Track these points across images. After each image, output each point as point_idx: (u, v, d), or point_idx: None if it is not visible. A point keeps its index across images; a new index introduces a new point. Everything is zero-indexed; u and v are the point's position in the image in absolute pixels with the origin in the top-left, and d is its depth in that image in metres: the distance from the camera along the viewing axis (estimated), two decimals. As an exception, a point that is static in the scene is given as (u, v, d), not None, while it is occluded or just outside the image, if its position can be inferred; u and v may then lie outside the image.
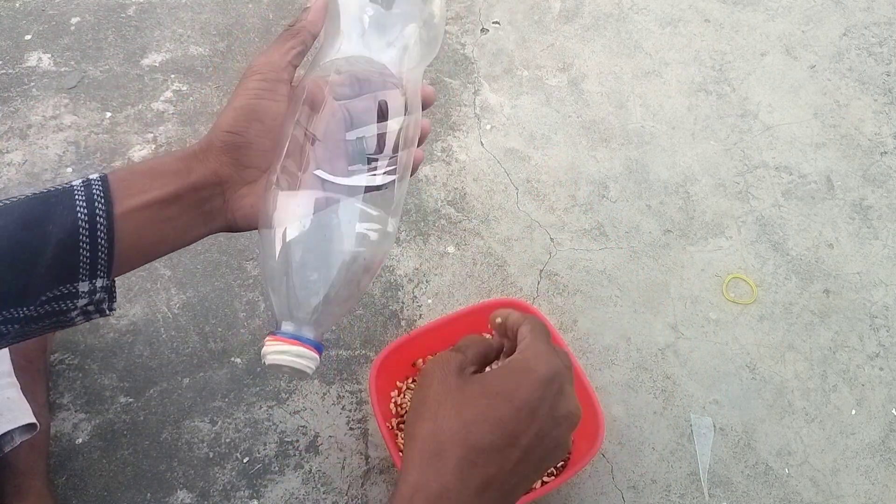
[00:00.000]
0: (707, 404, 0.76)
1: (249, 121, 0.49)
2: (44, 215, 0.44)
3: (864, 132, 0.96)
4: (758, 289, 0.83)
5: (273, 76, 0.50)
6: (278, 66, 0.51)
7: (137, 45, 1.00)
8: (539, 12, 1.07)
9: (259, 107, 0.49)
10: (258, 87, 0.50)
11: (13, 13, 1.02)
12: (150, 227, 0.48)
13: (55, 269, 0.45)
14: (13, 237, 0.43)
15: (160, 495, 0.69)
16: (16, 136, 0.91)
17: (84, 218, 0.45)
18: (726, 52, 1.03)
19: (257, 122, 0.49)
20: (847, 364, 0.79)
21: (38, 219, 0.44)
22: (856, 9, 1.08)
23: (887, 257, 0.86)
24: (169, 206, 0.48)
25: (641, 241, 0.86)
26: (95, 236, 0.45)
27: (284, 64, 0.51)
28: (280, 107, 0.50)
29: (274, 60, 0.51)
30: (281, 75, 0.50)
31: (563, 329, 0.80)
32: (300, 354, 0.43)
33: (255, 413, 0.74)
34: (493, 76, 1.00)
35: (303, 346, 0.43)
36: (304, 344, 0.43)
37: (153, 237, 0.49)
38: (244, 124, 0.49)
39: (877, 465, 0.73)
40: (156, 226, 0.48)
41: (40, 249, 0.44)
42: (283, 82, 0.50)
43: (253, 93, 0.49)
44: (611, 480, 0.72)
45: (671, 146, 0.94)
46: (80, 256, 0.45)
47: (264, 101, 0.49)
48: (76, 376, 0.75)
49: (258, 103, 0.49)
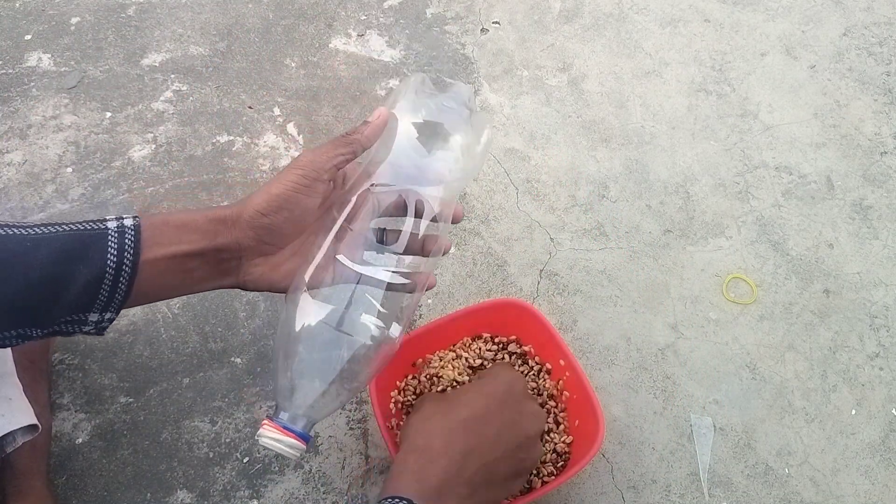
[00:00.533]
0: (707, 404, 0.76)
1: (280, 209, 0.54)
2: (78, 254, 0.49)
3: (864, 132, 0.96)
4: (758, 289, 0.83)
5: (313, 175, 0.54)
6: (322, 167, 0.55)
7: (137, 45, 1.00)
8: (539, 12, 1.07)
9: (292, 198, 0.54)
10: (297, 181, 0.54)
11: (13, 13, 1.02)
12: (171, 274, 0.53)
13: (76, 303, 0.49)
14: (46, 270, 0.48)
15: (160, 495, 0.69)
16: (16, 136, 0.91)
17: (112, 265, 0.49)
18: (726, 52, 1.03)
19: (286, 211, 0.54)
20: (847, 364, 0.79)
21: (71, 257, 0.48)
22: (856, 9, 1.08)
23: (887, 257, 0.86)
24: (192, 260, 0.53)
25: (641, 241, 0.86)
26: (118, 281, 0.50)
27: (329, 166, 0.55)
28: (313, 201, 0.55)
29: (319, 161, 0.55)
30: (321, 175, 0.55)
31: (563, 329, 0.80)
32: (290, 445, 0.50)
33: (255, 413, 0.74)
34: (493, 76, 1.00)
35: (292, 436, 0.50)
36: (293, 435, 0.51)
37: (171, 283, 0.54)
38: (275, 211, 0.54)
39: (877, 465, 0.73)
40: (176, 274, 0.53)
41: (68, 285, 0.48)
42: (321, 181, 0.55)
43: (291, 185, 0.54)
44: (611, 480, 0.72)
45: (671, 146, 0.94)
46: (99, 295, 0.50)
47: (299, 195, 0.54)
48: (76, 376, 0.75)
49: (292, 195, 0.54)
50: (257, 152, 0.91)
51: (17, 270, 0.47)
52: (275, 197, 0.54)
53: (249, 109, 0.95)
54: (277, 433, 0.50)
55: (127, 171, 0.89)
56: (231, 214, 0.54)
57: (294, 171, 0.54)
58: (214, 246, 0.53)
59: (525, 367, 0.73)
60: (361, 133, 0.57)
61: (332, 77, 0.99)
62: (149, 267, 0.51)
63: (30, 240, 0.48)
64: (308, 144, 0.92)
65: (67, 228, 0.50)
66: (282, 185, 0.54)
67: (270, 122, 0.94)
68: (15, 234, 0.48)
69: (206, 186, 0.88)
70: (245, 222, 0.54)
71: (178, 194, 0.87)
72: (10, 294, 0.47)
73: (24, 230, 0.49)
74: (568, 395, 0.71)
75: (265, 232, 0.54)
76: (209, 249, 0.53)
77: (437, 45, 1.02)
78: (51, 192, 0.86)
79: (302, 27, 1.03)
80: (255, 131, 0.93)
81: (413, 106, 0.58)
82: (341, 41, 1.03)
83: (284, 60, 1.00)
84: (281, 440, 0.50)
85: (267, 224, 0.54)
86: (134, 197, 0.87)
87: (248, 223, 0.54)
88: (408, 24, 1.05)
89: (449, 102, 0.58)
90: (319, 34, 1.03)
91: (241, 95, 0.96)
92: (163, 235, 0.52)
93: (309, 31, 1.03)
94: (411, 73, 0.61)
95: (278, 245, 0.56)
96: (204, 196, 0.87)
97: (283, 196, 0.54)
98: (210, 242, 0.53)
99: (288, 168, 0.55)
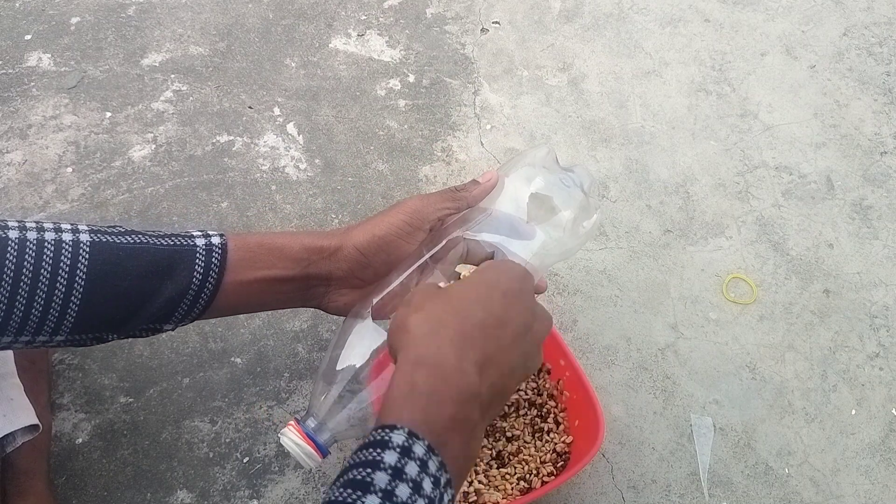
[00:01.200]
0: (707, 404, 0.76)
1: (379, 251, 0.55)
2: (165, 271, 0.50)
3: (864, 132, 0.96)
4: (758, 289, 0.83)
5: (417, 224, 0.56)
6: (426, 217, 0.56)
7: (137, 45, 1.00)
8: (539, 12, 1.07)
9: (393, 243, 0.55)
10: (400, 227, 0.55)
11: (13, 13, 1.02)
12: (258, 295, 0.55)
13: (156, 315, 0.51)
14: (133, 283, 0.49)
15: (160, 495, 0.69)
16: (16, 136, 0.91)
17: (196, 283, 0.51)
18: (726, 52, 1.03)
19: (384, 254, 0.56)
20: (847, 364, 0.79)
21: (160, 272, 0.50)
22: (856, 9, 1.08)
23: (887, 257, 0.86)
24: (283, 285, 0.55)
25: (641, 241, 0.86)
26: (198, 299, 0.52)
27: (433, 217, 0.57)
28: (410, 248, 0.56)
29: (426, 211, 0.56)
30: (424, 225, 0.56)
31: (564, 329, 0.80)
32: (308, 454, 0.51)
33: (255, 413, 0.74)
34: (493, 76, 1.00)
35: (312, 447, 0.51)
36: (314, 445, 0.51)
37: (255, 302, 0.56)
38: (374, 252, 0.55)
39: (877, 465, 0.73)
40: (263, 295, 0.55)
41: (153, 299, 0.50)
42: (422, 231, 0.56)
43: (395, 229, 0.55)
44: (611, 480, 0.72)
45: (671, 146, 0.94)
46: (178, 309, 0.52)
47: (399, 241, 0.55)
48: (76, 376, 0.75)
49: (394, 240, 0.55)
50: (257, 152, 0.91)
51: (106, 281, 0.48)
52: (377, 239, 0.55)
53: (249, 109, 0.95)
54: (299, 437, 0.51)
55: (127, 171, 0.89)
56: (329, 246, 0.56)
57: (399, 216, 0.56)
58: (307, 274, 0.55)
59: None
60: (470, 192, 0.58)
61: (332, 77, 0.99)
62: (237, 287, 0.53)
63: (122, 249, 0.50)
64: (308, 144, 0.92)
65: (157, 243, 0.51)
66: (385, 227, 0.55)
67: (270, 122, 0.94)
68: (108, 241, 0.49)
69: (206, 186, 0.88)
70: (342, 257, 0.55)
71: (178, 194, 0.87)
72: (97, 302, 0.49)
73: (116, 238, 0.50)
74: (568, 395, 0.71)
75: (359, 268, 0.56)
76: (301, 276, 0.55)
77: (437, 45, 1.02)
78: (51, 192, 0.86)
79: (302, 27, 1.03)
80: (255, 131, 0.93)
81: (531, 174, 0.60)
82: (341, 41, 1.03)
83: (284, 60, 1.00)
84: (300, 446, 0.50)
85: (364, 262, 0.56)
86: (134, 197, 0.87)
87: (346, 258, 0.55)
88: (408, 24, 1.05)
89: (567, 181, 0.59)
90: (319, 34, 1.03)
91: (241, 95, 0.96)
92: (256, 258, 0.54)
93: (309, 31, 1.03)
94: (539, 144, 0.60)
95: (367, 280, 0.57)
96: (204, 196, 0.87)
97: (386, 240, 0.55)
98: (303, 270, 0.55)
99: (394, 210, 0.56)
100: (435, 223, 0.57)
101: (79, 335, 0.50)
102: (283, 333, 0.78)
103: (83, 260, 0.48)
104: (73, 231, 0.48)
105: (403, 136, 0.94)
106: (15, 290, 0.45)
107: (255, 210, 0.87)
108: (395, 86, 0.98)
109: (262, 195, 0.88)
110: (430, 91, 0.98)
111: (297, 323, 0.79)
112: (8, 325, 0.46)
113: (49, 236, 0.47)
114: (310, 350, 0.77)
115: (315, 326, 0.79)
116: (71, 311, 0.48)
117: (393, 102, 0.97)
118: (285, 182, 0.89)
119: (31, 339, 0.48)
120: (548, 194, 0.58)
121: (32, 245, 0.46)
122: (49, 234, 0.47)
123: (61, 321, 0.48)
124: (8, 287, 0.45)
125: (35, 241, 0.47)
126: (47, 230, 0.48)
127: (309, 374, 0.76)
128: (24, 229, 0.47)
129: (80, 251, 0.48)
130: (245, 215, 0.86)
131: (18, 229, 0.47)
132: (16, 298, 0.46)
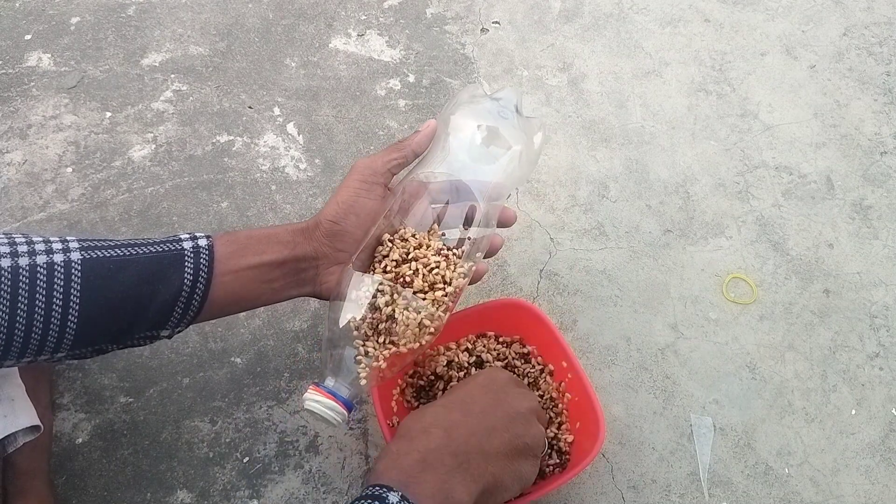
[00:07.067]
0: (707, 404, 0.76)
1: (348, 213, 0.59)
2: (157, 276, 0.52)
3: (864, 132, 0.96)
4: (758, 289, 0.83)
5: (372, 179, 0.60)
6: (378, 171, 0.60)
7: (137, 45, 1.00)
8: (539, 12, 1.07)
9: (357, 203, 0.59)
10: (358, 187, 0.59)
11: (13, 13, 1.02)
12: (253, 284, 0.56)
13: (152, 321, 0.53)
14: (128, 292, 0.51)
15: (160, 495, 0.69)
16: (16, 136, 0.91)
17: (188, 282, 0.53)
18: (726, 52, 1.03)
19: (353, 216, 0.59)
20: (847, 364, 0.79)
21: (151, 279, 0.52)
22: (856, 9, 1.08)
23: (887, 257, 0.86)
24: (274, 269, 0.57)
25: (641, 241, 0.86)
26: (191, 300, 0.53)
27: (384, 170, 0.60)
28: (374, 204, 0.60)
29: (375, 166, 0.60)
30: (378, 179, 0.60)
31: (563, 329, 0.80)
32: (331, 408, 0.52)
33: (255, 413, 0.74)
34: (493, 76, 1.00)
35: (336, 401, 0.53)
36: (337, 400, 0.53)
37: (252, 293, 0.57)
38: (343, 215, 0.59)
39: (877, 465, 0.73)
40: (258, 284, 0.57)
41: (148, 305, 0.52)
42: (379, 185, 0.60)
43: (353, 191, 0.59)
44: (611, 480, 0.72)
45: (671, 146, 0.94)
46: (173, 314, 0.53)
47: (361, 199, 0.59)
48: (76, 376, 0.75)
49: (356, 200, 0.59)
50: (257, 152, 0.91)
51: (100, 297, 0.50)
52: (342, 203, 0.59)
53: (249, 109, 0.95)
54: (321, 396, 0.52)
55: (127, 171, 0.89)
56: (308, 225, 0.59)
57: (354, 178, 0.60)
58: (295, 255, 0.58)
59: (528, 367, 0.73)
60: (412, 140, 0.62)
61: (332, 77, 0.99)
62: (230, 278, 0.55)
63: (113, 262, 0.51)
64: (308, 144, 0.92)
65: (146, 251, 0.53)
66: (346, 192, 0.59)
67: (270, 121, 0.94)
68: (99, 257, 0.51)
69: (206, 186, 0.88)
70: (321, 231, 0.59)
71: (178, 194, 0.87)
72: (94, 318, 0.50)
73: (106, 252, 0.51)
74: (570, 397, 0.71)
75: (338, 237, 0.59)
76: (290, 259, 0.58)
77: (437, 45, 1.02)
78: (51, 192, 0.86)
79: (302, 27, 1.03)
80: (255, 131, 0.93)
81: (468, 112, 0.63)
82: (341, 41, 1.03)
83: (284, 60, 1.00)
84: (325, 402, 0.52)
85: (338, 230, 0.59)
86: (134, 197, 0.87)
87: (324, 231, 0.59)
88: (408, 23, 1.05)
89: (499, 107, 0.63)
90: (319, 34, 1.03)
91: (241, 95, 0.96)
92: (245, 248, 0.56)
93: (309, 31, 1.03)
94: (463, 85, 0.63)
95: (350, 251, 0.60)
96: (204, 196, 0.87)
97: (349, 201, 0.59)
98: (291, 251, 0.58)
99: (348, 176, 0.60)
100: (388, 175, 0.61)
101: (79, 349, 0.51)
102: (283, 333, 0.78)
103: (76, 280, 0.49)
104: (63, 251, 0.49)
105: (403, 135, 0.93)
106: (13, 318, 0.47)
107: (255, 210, 0.87)
108: (395, 86, 0.98)
109: (262, 195, 0.88)
110: (430, 91, 0.98)
111: (297, 323, 0.79)
112: (10, 350, 0.48)
113: (40, 260, 0.48)
114: (310, 350, 0.77)
115: (315, 326, 0.79)
116: (69, 330, 0.49)
117: (393, 102, 0.97)
118: (285, 182, 0.89)
119: (33, 359, 0.50)
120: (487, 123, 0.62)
121: (25, 272, 0.47)
122: (40, 257, 0.48)
123: (61, 340, 0.49)
124: (6, 315, 0.46)
125: (27, 267, 0.48)
126: (38, 253, 0.48)
127: (309, 375, 0.76)
128: (15, 255, 0.48)
129: (73, 271, 0.49)
130: (245, 215, 0.86)
131: (10, 256, 0.47)
132: (14, 325, 0.47)
